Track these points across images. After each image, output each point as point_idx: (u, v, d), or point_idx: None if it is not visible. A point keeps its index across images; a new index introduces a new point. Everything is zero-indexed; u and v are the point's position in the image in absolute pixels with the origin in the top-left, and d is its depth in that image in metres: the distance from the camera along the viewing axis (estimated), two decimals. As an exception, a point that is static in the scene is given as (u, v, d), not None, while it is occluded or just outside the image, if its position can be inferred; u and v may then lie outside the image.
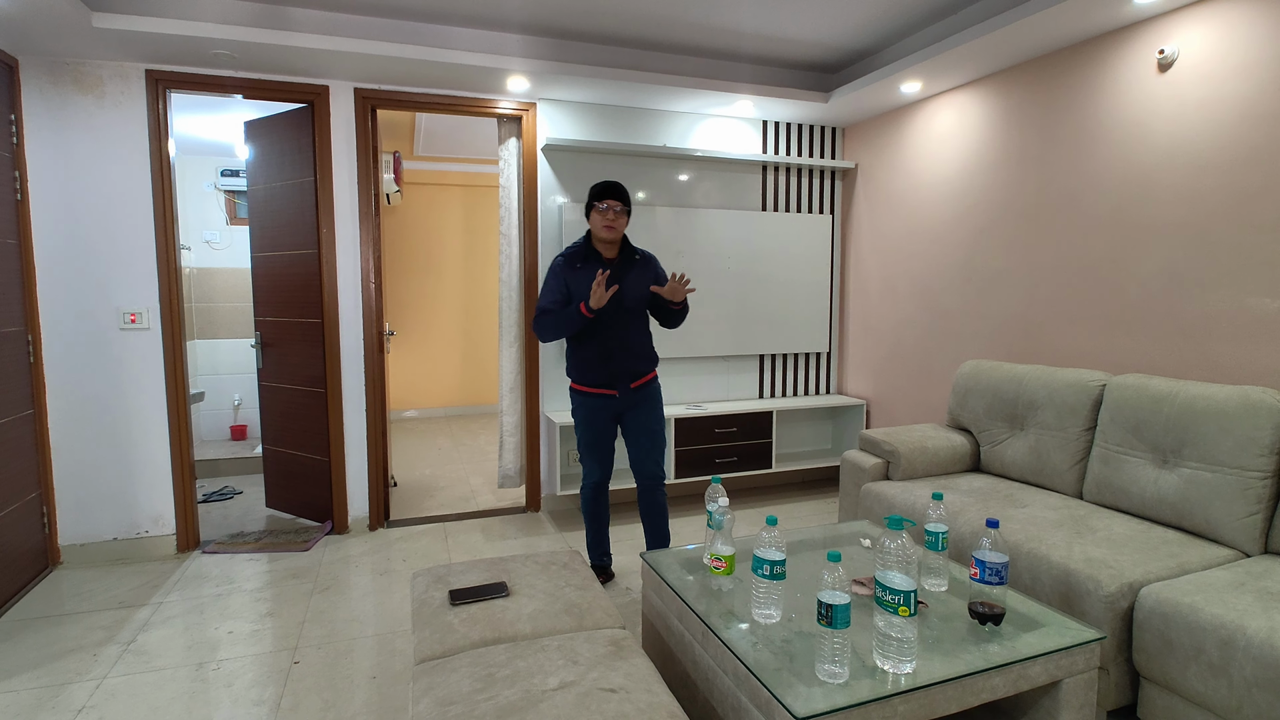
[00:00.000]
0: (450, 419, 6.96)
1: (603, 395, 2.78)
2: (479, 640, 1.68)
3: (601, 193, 2.66)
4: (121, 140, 3.17)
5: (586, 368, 2.77)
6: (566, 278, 2.72)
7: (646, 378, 2.83)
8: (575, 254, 2.75)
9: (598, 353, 2.74)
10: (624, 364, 2.76)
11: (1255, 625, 1.70)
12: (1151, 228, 2.72)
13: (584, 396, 2.81)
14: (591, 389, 2.79)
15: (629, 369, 2.77)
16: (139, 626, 2.66)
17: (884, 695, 1.43)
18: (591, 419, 2.81)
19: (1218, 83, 2.49)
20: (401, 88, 3.56)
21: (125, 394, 3.26)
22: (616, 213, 2.65)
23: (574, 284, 2.71)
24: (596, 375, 2.76)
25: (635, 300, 2.75)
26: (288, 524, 3.78)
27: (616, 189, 2.67)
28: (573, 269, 2.72)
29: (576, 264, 2.73)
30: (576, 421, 2.86)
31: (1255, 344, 2.41)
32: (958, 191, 3.62)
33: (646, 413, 2.83)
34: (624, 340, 2.74)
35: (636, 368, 2.78)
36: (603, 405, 2.79)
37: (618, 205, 2.65)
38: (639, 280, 2.76)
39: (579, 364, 2.79)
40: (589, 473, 2.89)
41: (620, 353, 2.74)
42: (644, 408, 2.82)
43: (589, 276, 2.69)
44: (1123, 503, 2.51)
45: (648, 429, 2.83)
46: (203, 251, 5.40)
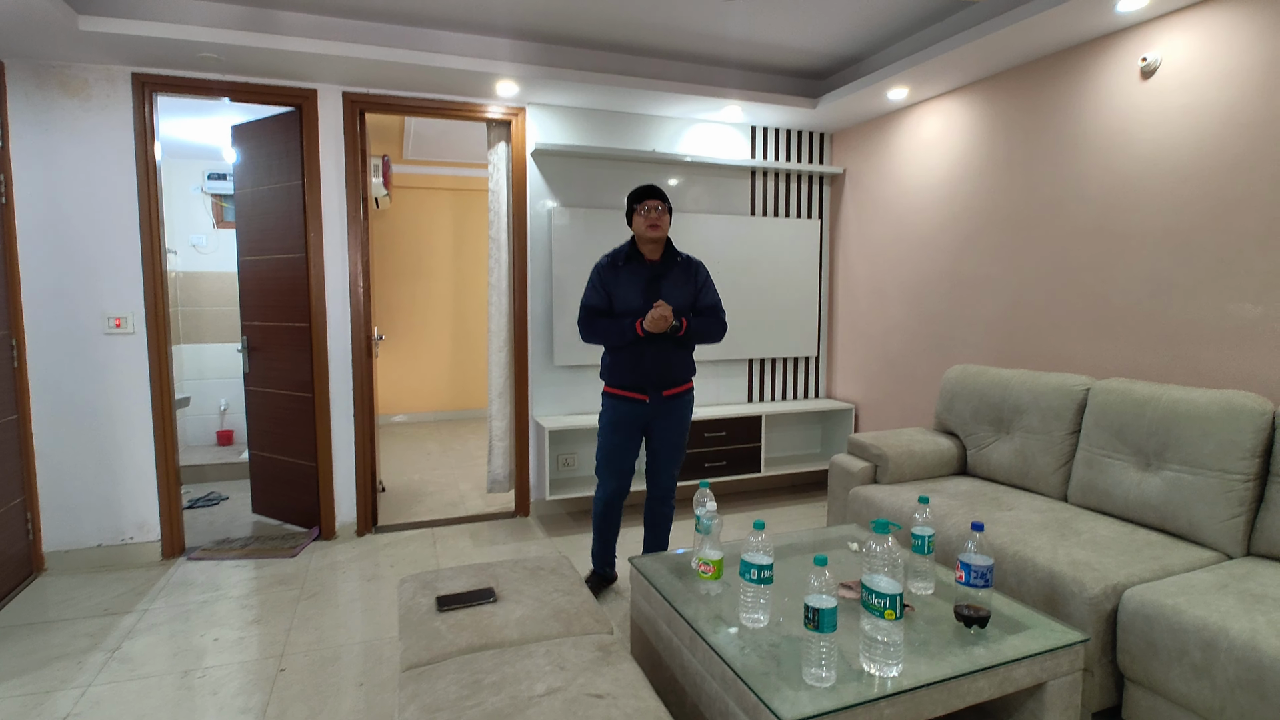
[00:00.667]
0: (439, 423, 6.93)
1: (633, 400, 2.70)
2: (466, 646, 1.68)
3: (641, 194, 2.64)
4: (107, 143, 3.14)
5: (621, 369, 2.70)
6: (607, 279, 2.68)
7: (681, 387, 2.75)
8: (618, 255, 2.71)
9: (634, 355, 2.66)
10: (660, 369, 2.68)
11: (1237, 627, 1.71)
12: (1135, 234, 2.76)
13: (615, 400, 2.74)
14: (622, 391, 2.71)
15: (664, 375, 2.69)
16: (124, 634, 2.63)
17: (870, 699, 1.44)
18: (617, 424, 2.73)
19: (1200, 91, 2.52)
20: (390, 92, 3.56)
21: (110, 399, 3.23)
22: (659, 211, 2.61)
23: (614, 286, 2.67)
24: (629, 378, 2.68)
25: (676, 304, 2.67)
26: (274, 530, 3.75)
27: (654, 189, 2.64)
28: (614, 270, 2.68)
29: (618, 263, 2.69)
30: (601, 426, 2.78)
31: (1237, 349, 2.44)
32: (944, 197, 3.65)
33: (675, 425, 2.76)
34: (665, 346, 2.67)
35: (672, 375, 2.70)
36: (631, 411, 2.71)
37: (659, 204, 2.61)
38: (681, 283, 2.71)
39: (613, 365, 2.72)
40: (604, 483, 2.79)
41: (657, 357, 2.66)
42: (673, 419, 2.75)
43: (630, 278, 2.65)
44: (1107, 505, 2.53)
45: (672, 442, 2.77)
46: (189, 255, 5.36)
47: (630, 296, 2.66)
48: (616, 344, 2.65)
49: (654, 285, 2.66)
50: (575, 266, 3.92)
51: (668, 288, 2.67)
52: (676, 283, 2.69)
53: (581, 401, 4.05)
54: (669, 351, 2.67)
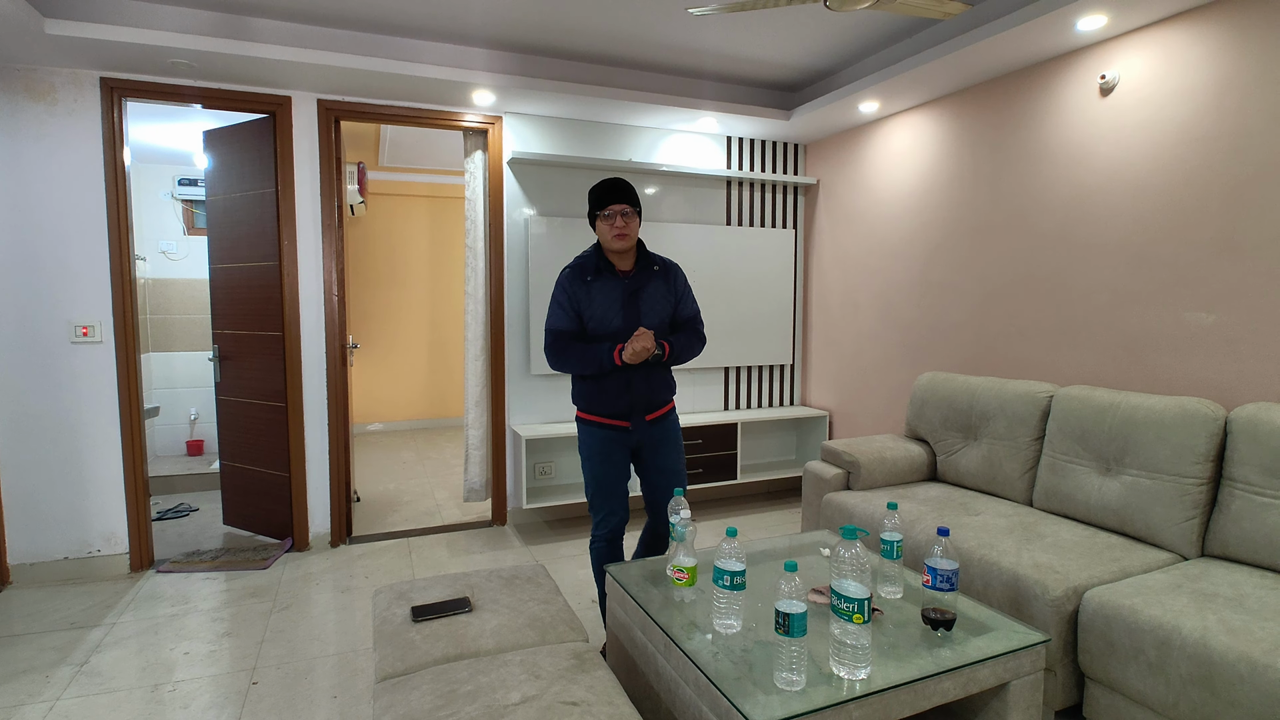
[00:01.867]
0: (415, 432, 6.88)
1: (615, 428, 2.36)
2: (441, 657, 1.68)
3: (603, 195, 2.25)
4: (74, 148, 3.10)
5: (598, 394, 2.35)
6: (576, 294, 2.31)
7: (664, 409, 2.43)
8: (585, 265, 2.33)
9: (615, 380, 2.32)
10: (642, 392, 2.35)
11: (1189, 625, 1.78)
12: (1095, 245, 2.85)
13: (593, 428, 2.38)
14: (602, 419, 2.37)
15: (647, 398, 2.36)
16: (92, 648, 2.58)
17: (839, 701, 1.47)
18: (603, 455, 2.37)
19: (1156, 107, 2.62)
20: (366, 99, 3.55)
21: (76, 409, 3.17)
22: (625, 216, 2.25)
23: (585, 302, 2.31)
24: (609, 404, 2.34)
25: (657, 317, 2.36)
26: (246, 541, 3.70)
27: (620, 188, 2.25)
28: (583, 283, 2.31)
29: (587, 277, 2.31)
30: (584, 458, 2.41)
31: (1192, 356, 2.53)
32: (914, 208, 3.74)
33: (668, 450, 2.42)
34: (645, 367, 2.34)
35: (655, 397, 2.38)
36: (615, 439, 2.37)
37: (625, 208, 2.24)
38: (660, 295, 2.37)
39: (588, 389, 2.37)
40: (601, 521, 2.40)
41: (641, 382, 2.34)
42: (664, 445, 2.42)
43: (605, 294, 2.30)
44: (1069, 509, 2.60)
45: (669, 468, 2.43)
46: (159, 262, 5.28)
47: (608, 316, 2.31)
48: (593, 372, 2.31)
49: (633, 301, 2.33)
50: (552, 275, 3.94)
51: (648, 302, 2.35)
52: (657, 295, 2.37)
53: (559, 410, 4.07)
54: (650, 373, 2.37)
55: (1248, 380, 2.38)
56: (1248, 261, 2.37)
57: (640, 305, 2.35)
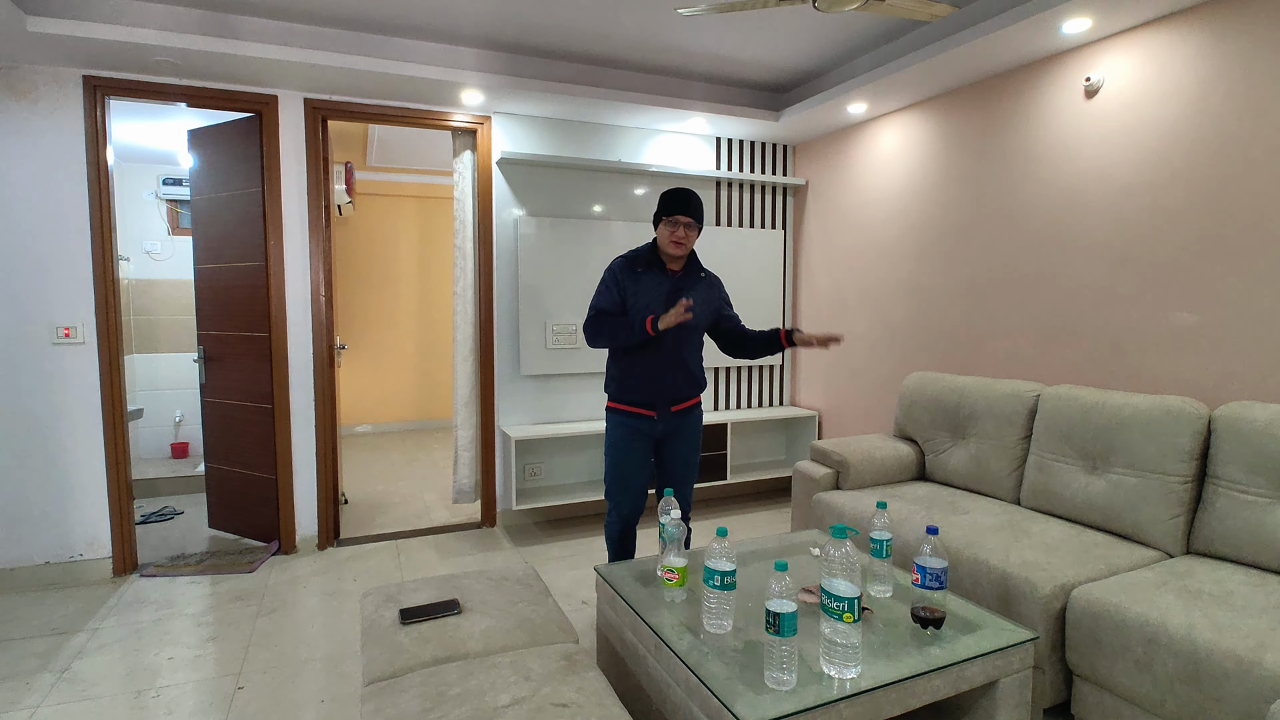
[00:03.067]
0: (404, 434, 6.85)
1: (641, 416, 2.55)
2: (430, 659, 1.67)
3: (672, 205, 2.46)
4: (57, 147, 3.06)
5: (630, 384, 2.54)
6: (625, 282, 2.52)
7: (689, 402, 2.62)
8: (638, 258, 2.55)
9: (648, 369, 2.51)
10: (672, 385, 2.55)
11: (1176, 622, 1.79)
12: (1080, 246, 2.87)
13: (621, 416, 2.57)
14: (630, 408, 2.56)
15: (675, 391, 2.56)
16: (74, 653, 2.54)
17: (830, 700, 1.47)
18: (627, 442, 2.56)
19: (1140, 109, 2.65)
20: (353, 99, 3.53)
21: (58, 411, 3.13)
22: (687, 229, 2.46)
23: (632, 289, 2.51)
24: (639, 393, 2.54)
25: (699, 318, 2.56)
26: (232, 545, 3.66)
27: (689, 203, 2.46)
28: (633, 273, 2.53)
29: (638, 268, 2.53)
30: (608, 445, 2.60)
31: (1176, 355, 2.56)
32: (903, 209, 3.75)
33: (687, 442, 2.63)
34: (678, 359, 2.54)
35: (682, 391, 2.58)
36: (640, 427, 2.56)
37: (689, 220, 2.46)
38: (704, 297, 2.59)
39: (622, 379, 2.56)
40: (618, 505, 2.60)
41: (671, 372, 2.53)
42: (684, 436, 2.62)
43: (651, 283, 2.51)
44: (1057, 508, 2.62)
45: (686, 460, 2.64)
46: (143, 262, 5.22)
47: (652, 303, 2.50)
48: (624, 342, 2.48)
49: (676, 296, 2.51)
50: (542, 276, 3.93)
51: (693, 300, 2.50)
52: (701, 296, 2.58)
53: (549, 411, 4.05)
54: (682, 364, 2.56)
55: (1231, 379, 2.40)
56: (1231, 261, 2.39)
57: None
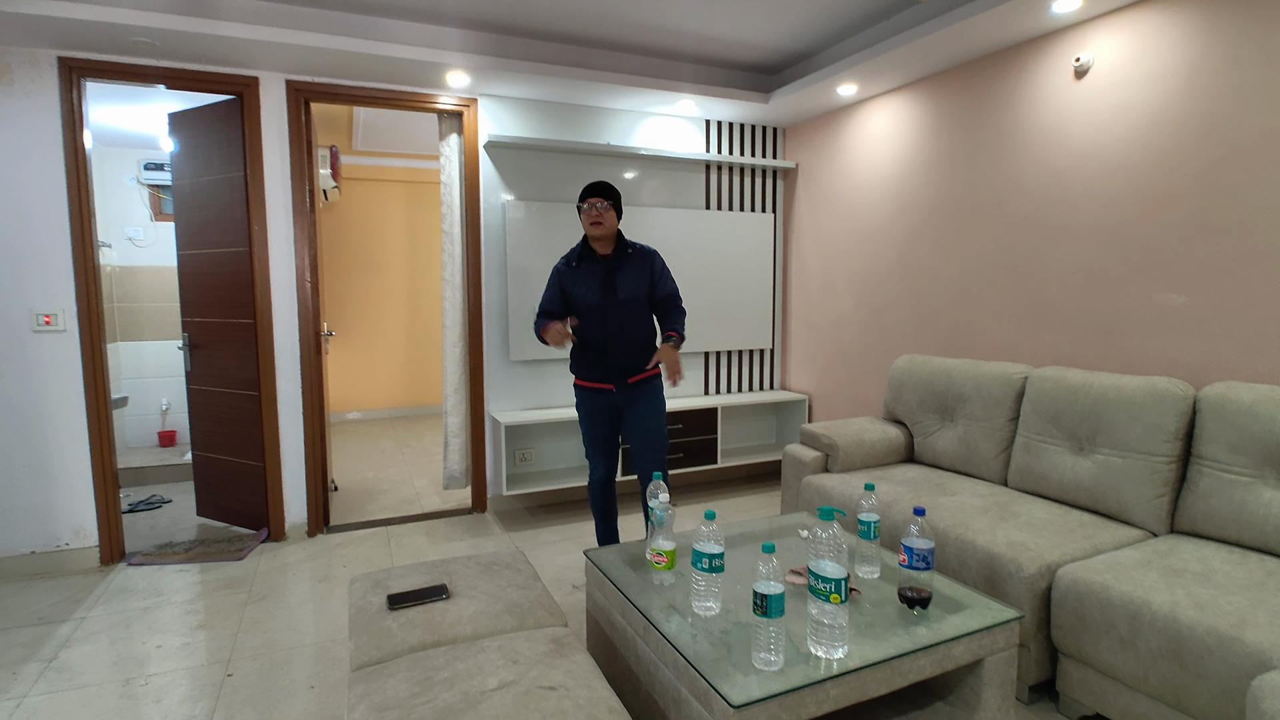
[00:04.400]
0: (394, 420, 6.82)
1: (600, 390, 2.78)
2: (418, 644, 1.67)
3: (585, 192, 2.66)
4: (32, 131, 3.00)
5: (584, 362, 2.78)
6: (564, 279, 2.75)
7: (645, 374, 2.79)
8: (573, 255, 2.76)
9: (595, 347, 2.74)
10: (622, 359, 2.74)
11: (1159, 600, 1.81)
12: (1068, 227, 2.87)
13: (583, 391, 2.81)
14: (589, 383, 2.79)
15: (626, 363, 2.74)
16: (61, 643, 2.53)
17: (817, 680, 1.48)
18: (591, 414, 2.81)
19: (1129, 90, 2.64)
20: (337, 80, 3.47)
21: (40, 399, 3.09)
22: (600, 209, 2.63)
23: (570, 284, 2.73)
24: (594, 370, 2.77)
25: (631, 292, 2.72)
26: (220, 533, 3.65)
27: (599, 186, 2.65)
28: (569, 268, 2.74)
29: (573, 263, 2.74)
30: (580, 417, 2.86)
31: (1162, 337, 2.57)
32: (892, 191, 3.74)
33: (644, 412, 2.78)
34: (620, 335, 2.72)
35: (634, 361, 2.76)
36: (601, 400, 2.78)
37: (600, 201, 2.63)
38: (635, 274, 2.74)
39: (578, 358, 2.81)
40: (593, 469, 2.88)
41: (617, 348, 2.72)
42: (642, 405, 2.78)
43: (586, 275, 2.71)
44: (1043, 488, 2.64)
45: (644, 428, 2.78)
46: (125, 249, 5.14)
47: (587, 293, 2.70)
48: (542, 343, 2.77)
49: (609, 279, 2.71)
50: (530, 260, 3.90)
51: (624, 280, 2.72)
52: (632, 274, 2.74)
53: (538, 396, 4.04)
54: (629, 338, 2.73)
55: (1217, 360, 2.42)
56: (1217, 242, 2.40)
57: (617, 283, 2.72)
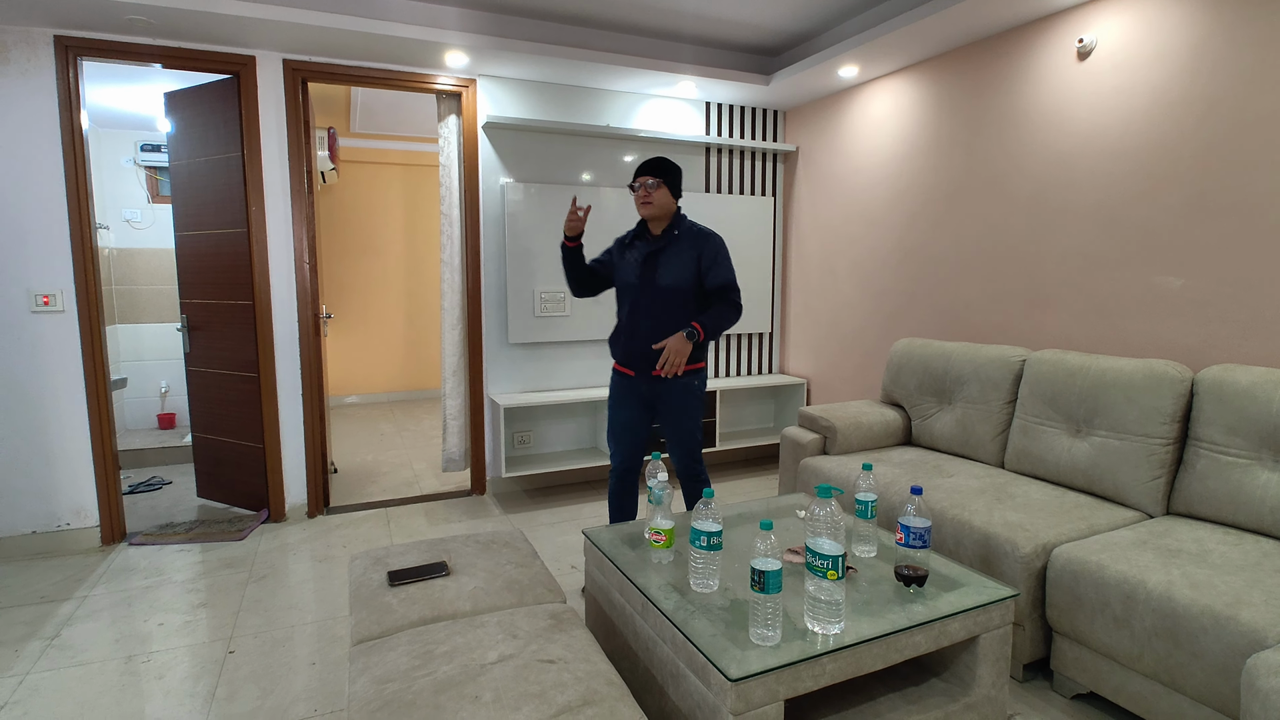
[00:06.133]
0: (393, 404, 6.83)
1: (623, 375, 2.65)
2: (418, 619, 1.68)
3: (636, 170, 2.56)
4: (29, 111, 2.98)
5: (615, 344, 2.68)
6: (614, 253, 2.72)
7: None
8: (628, 234, 2.71)
9: (624, 330, 2.62)
10: (645, 347, 2.55)
11: (1155, 579, 1.83)
12: (1068, 210, 2.86)
13: (613, 374, 2.72)
14: (617, 365, 2.70)
15: (650, 354, 2.55)
16: (63, 621, 2.55)
17: (813, 655, 1.50)
18: (615, 398, 2.69)
19: (1132, 71, 2.62)
20: (334, 60, 3.44)
21: (40, 380, 3.09)
22: (648, 188, 2.50)
23: (619, 258, 2.68)
24: (619, 353, 2.65)
25: (671, 278, 2.51)
26: (221, 513, 3.66)
27: (650, 163, 2.52)
28: (621, 246, 2.70)
29: (628, 239, 2.69)
30: (608, 398, 2.76)
31: (1161, 320, 2.57)
32: (892, 175, 3.73)
33: (678, 410, 2.58)
34: (650, 319, 2.53)
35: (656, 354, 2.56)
36: (624, 385, 2.65)
37: (648, 180, 2.50)
38: (681, 259, 2.52)
39: (612, 339, 2.70)
40: (612, 456, 2.75)
41: (644, 332, 2.55)
42: (672, 404, 2.58)
43: (633, 253, 2.62)
44: (1040, 471, 2.65)
45: (676, 425, 2.60)
46: (123, 231, 5.12)
47: (627, 273, 2.60)
48: (566, 267, 2.68)
49: (651, 262, 2.54)
50: (530, 243, 3.89)
51: (665, 264, 2.53)
52: (676, 259, 2.53)
53: (537, 378, 4.04)
54: (658, 326, 2.53)
55: (1214, 342, 2.42)
56: (1216, 225, 2.39)
57: (657, 266, 2.55)
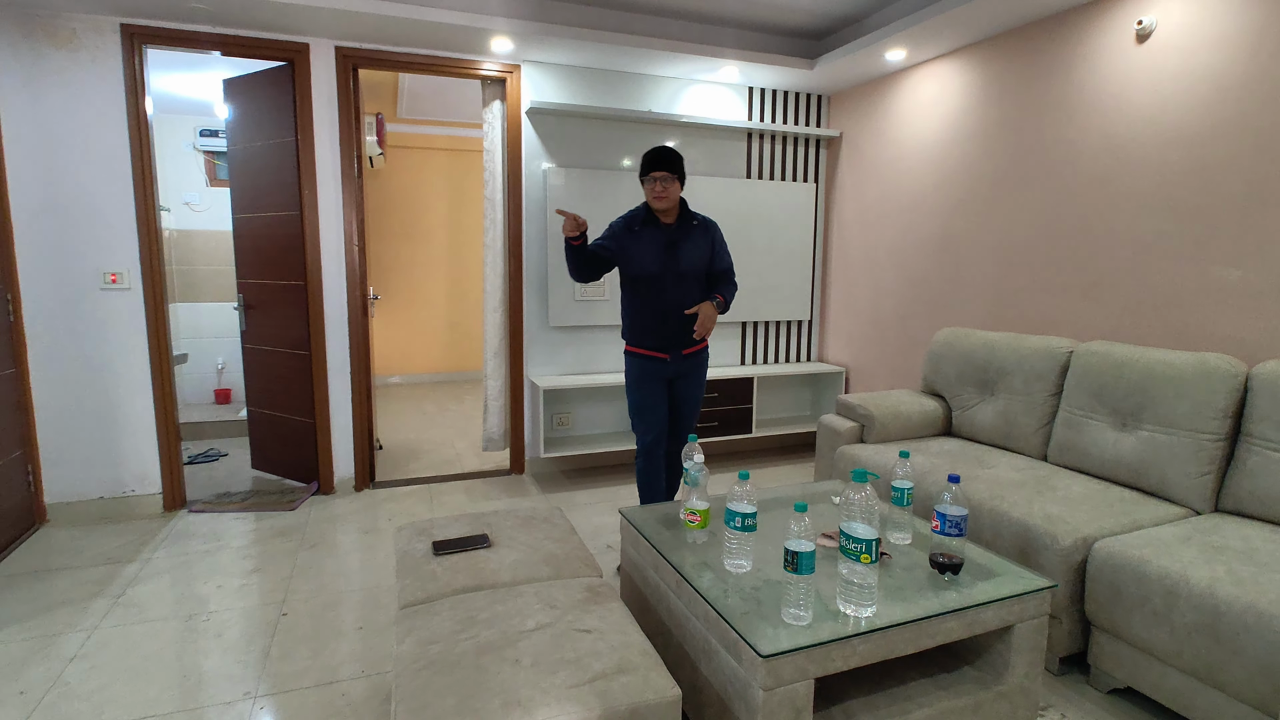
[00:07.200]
0: (436, 385, 6.99)
1: (654, 359, 2.78)
2: (460, 587, 1.75)
3: (649, 163, 2.65)
4: (98, 96, 3.12)
5: (641, 330, 2.78)
6: (621, 238, 2.74)
7: (699, 345, 2.84)
8: (635, 218, 2.76)
9: (654, 316, 2.74)
10: (678, 329, 2.75)
11: (1198, 576, 1.80)
12: (1122, 197, 2.78)
13: (636, 359, 2.81)
14: (644, 351, 2.79)
15: (683, 334, 2.76)
16: (128, 581, 2.71)
17: (844, 636, 1.52)
18: (642, 381, 2.81)
19: (1191, 54, 2.53)
20: (383, 47, 3.52)
21: (108, 354, 3.26)
22: (665, 183, 2.63)
23: (629, 245, 2.73)
24: (650, 339, 2.77)
25: (692, 264, 2.74)
26: (273, 485, 3.82)
27: (663, 157, 2.63)
28: (630, 231, 2.74)
29: (634, 227, 2.73)
30: (628, 384, 2.86)
31: (1217, 312, 2.49)
32: (938, 161, 3.66)
33: (694, 382, 2.87)
34: (680, 305, 2.73)
35: (690, 333, 2.77)
36: (653, 368, 2.79)
37: (665, 174, 2.63)
38: (697, 245, 2.75)
39: (633, 326, 2.80)
40: (641, 435, 2.86)
41: (675, 317, 2.74)
42: (693, 376, 2.86)
43: (646, 240, 2.71)
44: (1083, 464, 2.61)
45: (691, 397, 2.88)
46: (183, 213, 5.34)
47: (648, 260, 2.71)
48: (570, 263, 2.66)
49: (672, 248, 2.71)
50: (570, 227, 3.93)
51: (686, 249, 2.72)
52: (694, 245, 2.75)
53: (576, 361, 4.10)
54: (686, 317, 2.74)
55: (1272, 336, 2.34)
56: (1276, 214, 2.30)
57: (679, 252, 2.72)
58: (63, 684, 2.06)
